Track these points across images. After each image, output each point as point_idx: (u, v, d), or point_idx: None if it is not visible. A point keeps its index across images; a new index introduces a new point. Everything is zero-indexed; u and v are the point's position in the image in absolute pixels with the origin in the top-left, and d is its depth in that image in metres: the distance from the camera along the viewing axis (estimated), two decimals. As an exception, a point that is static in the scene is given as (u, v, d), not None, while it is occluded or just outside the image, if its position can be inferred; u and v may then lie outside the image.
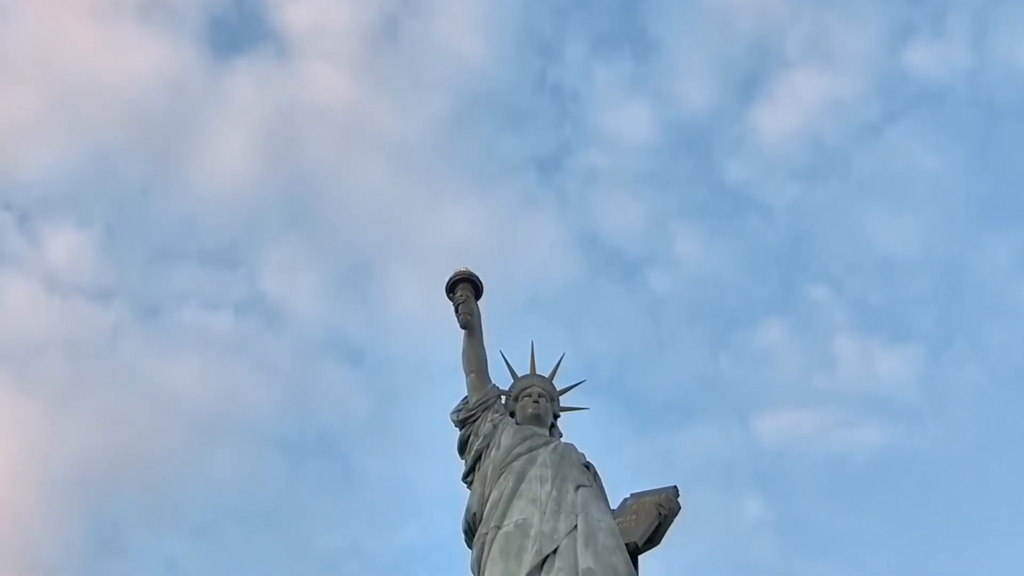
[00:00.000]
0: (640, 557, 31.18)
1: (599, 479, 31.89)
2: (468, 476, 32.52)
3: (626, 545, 30.16)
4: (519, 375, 34.53)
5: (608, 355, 74.92)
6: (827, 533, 76.10)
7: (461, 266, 34.97)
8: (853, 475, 77.52)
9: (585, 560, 28.95)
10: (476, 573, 30.40)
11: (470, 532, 31.27)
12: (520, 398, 33.70)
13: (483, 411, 33.09)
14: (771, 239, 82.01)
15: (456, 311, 34.25)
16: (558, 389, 34.59)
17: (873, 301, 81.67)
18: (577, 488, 30.70)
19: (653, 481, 33.28)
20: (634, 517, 31.49)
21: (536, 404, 33.40)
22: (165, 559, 77.17)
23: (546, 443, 32.13)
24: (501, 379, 34.53)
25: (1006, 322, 79.55)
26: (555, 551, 29.27)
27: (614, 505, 31.99)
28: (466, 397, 33.70)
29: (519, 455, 31.51)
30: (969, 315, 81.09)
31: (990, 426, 77.62)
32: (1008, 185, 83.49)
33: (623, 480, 33.73)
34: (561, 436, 33.67)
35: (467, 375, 33.99)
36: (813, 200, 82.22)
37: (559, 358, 34.78)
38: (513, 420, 33.12)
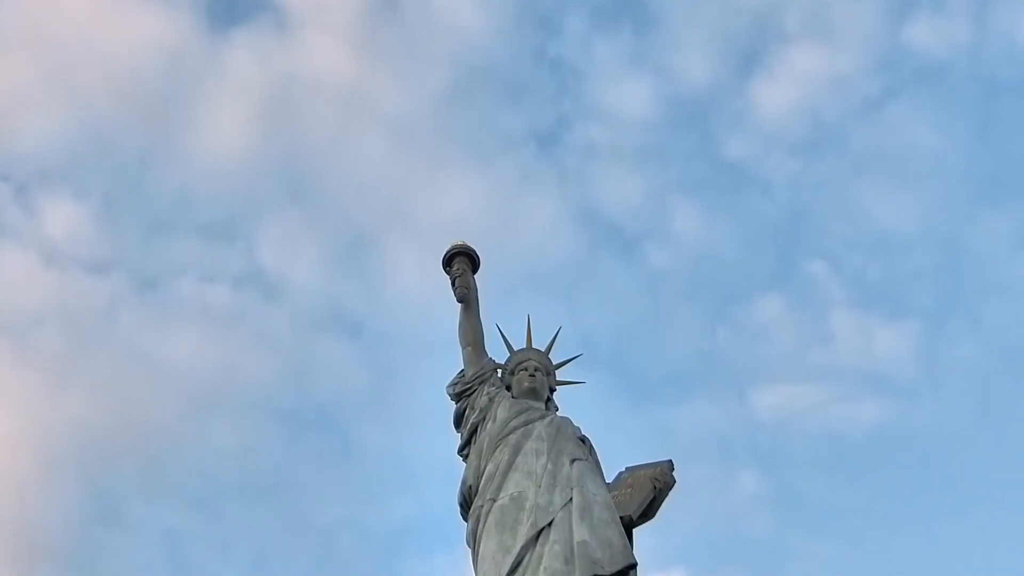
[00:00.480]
0: (635, 530, 31.29)
1: (594, 453, 32.03)
2: (464, 449, 32.66)
3: (621, 518, 30.28)
4: (515, 349, 34.64)
5: (606, 329, 75.01)
6: (823, 508, 76.43)
7: (458, 240, 35.06)
8: (849, 450, 77.81)
9: (580, 533, 29.12)
10: (471, 545, 30.54)
11: (466, 505, 31.42)
12: (516, 372, 33.80)
13: (479, 385, 33.20)
14: (770, 214, 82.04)
15: (453, 285, 34.35)
16: (554, 363, 34.69)
17: (871, 277, 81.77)
18: (573, 461, 30.84)
19: (650, 455, 33.43)
20: (629, 490, 31.62)
21: (532, 378, 33.51)
22: (163, 530, 77.50)
23: (542, 417, 32.26)
24: (497, 353, 34.65)
25: (1004, 299, 79.70)
26: (550, 524, 29.45)
27: (609, 479, 32.10)
28: (462, 371, 33.81)
29: (515, 428, 31.64)
30: (967, 292, 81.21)
31: (986, 403, 77.87)
32: (1008, 162, 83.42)
33: (620, 454, 33.89)
34: (557, 410, 33.79)
35: (463, 349, 34.10)
36: (812, 176, 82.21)
37: (555, 332, 34.94)
38: (509, 394, 33.24)
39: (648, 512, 31.62)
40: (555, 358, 34.88)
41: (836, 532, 75.77)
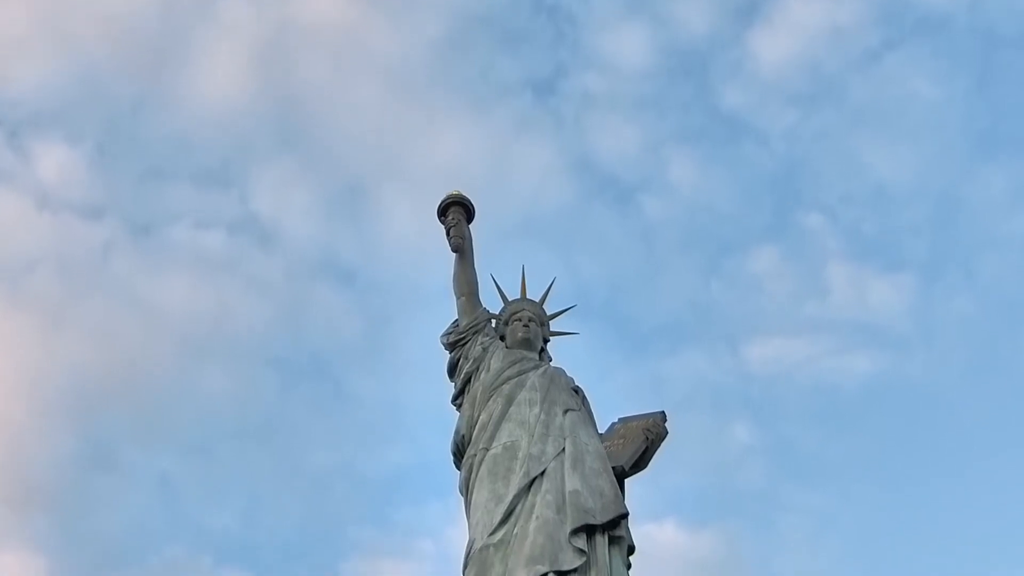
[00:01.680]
0: (627, 480, 31.44)
1: (587, 403, 32.10)
2: (457, 399, 32.73)
3: (613, 468, 30.42)
4: (510, 299, 34.59)
5: (600, 280, 75.02)
6: (815, 459, 76.79)
7: (453, 189, 34.93)
8: (842, 403, 78.04)
9: (572, 482, 29.25)
10: (464, 494, 30.69)
11: (459, 454, 31.54)
12: (510, 322, 33.79)
13: (473, 335, 33.19)
14: (766, 166, 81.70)
15: (447, 234, 34.25)
16: (548, 314, 34.67)
17: (867, 230, 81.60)
18: (565, 412, 30.93)
19: (643, 406, 33.53)
20: (621, 441, 31.75)
21: (526, 328, 33.51)
22: (157, 475, 77.80)
23: (535, 367, 32.30)
24: (492, 303, 34.61)
25: (999, 253, 79.62)
26: (543, 473, 29.55)
27: (602, 429, 32.19)
28: (456, 320, 33.79)
29: (508, 379, 31.69)
30: (962, 245, 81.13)
31: (979, 356, 78.05)
32: (1006, 115, 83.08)
33: (613, 404, 33.99)
34: (551, 360, 33.81)
35: (457, 298, 34.07)
36: (809, 127, 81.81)
37: (550, 283, 34.91)
38: (503, 344, 33.24)
39: (640, 463, 31.78)
40: (549, 309, 34.87)
41: (828, 484, 76.25)
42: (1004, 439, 73.90)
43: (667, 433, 32.27)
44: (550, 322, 34.61)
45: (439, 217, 34.54)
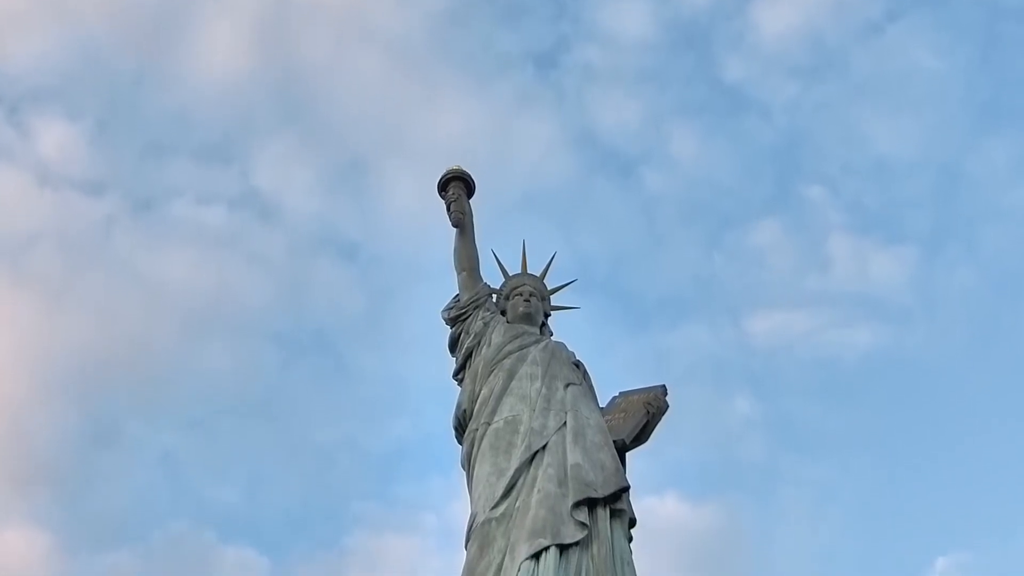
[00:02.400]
0: (628, 454, 31.52)
1: (588, 377, 32.17)
2: (459, 373, 32.80)
3: (614, 442, 30.49)
4: (510, 274, 34.62)
5: (602, 254, 75.00)
6: (816, 432, 76.90)
7: (454, 164, 34.92)
8: (843, 375, 78.09)
9: (574, 456, 29.32)
10: (466, 468, 30.78)
11: (460, 428, 31.63)
12: (511, 297, 33.84)
13: (474, 309, 33.25)
14: (768, 138, 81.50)
15: (448, 209, 34.27)
16: (549, 288, 34.71)
17: (868, 202, 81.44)
18: (567, 386, 31.00)
19: (645, 380, 33.61)
20: (622, 415, 31.82)
21: (527, 303, 33.55)
22: (160, 451, 78.03)
23: (536, 341, 32.36)
24: (493, 277, 34.63)
25: (1000, 225, 79.49)
26: (544, 447, 29.63)
27: (603, 403, 32.27)
28: (457, 295, 33.84)
29: (510, 353, 31.75)
30: (964, 218, 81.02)
31: (980, 329, 78.02)
32: (1009, 87, 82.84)
33: (615, 378, 34.06)
34: (552, 335, 33.87)
35: (458, 273, 34.10)
36: (811, 99, 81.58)
37: (550, 257, 34.93)
38: (504, 319, 33.30)
39: (641, 436, 31.86)
40: (551, 283, 34.90)
41: (829, 456, 76.44)
42: (1005, 411, 74.02)
43: (668, 407, 32.34)
44: (551, 297, 34.67)
45: (439, 192, 34.55)
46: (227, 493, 77.80)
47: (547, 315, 34.36)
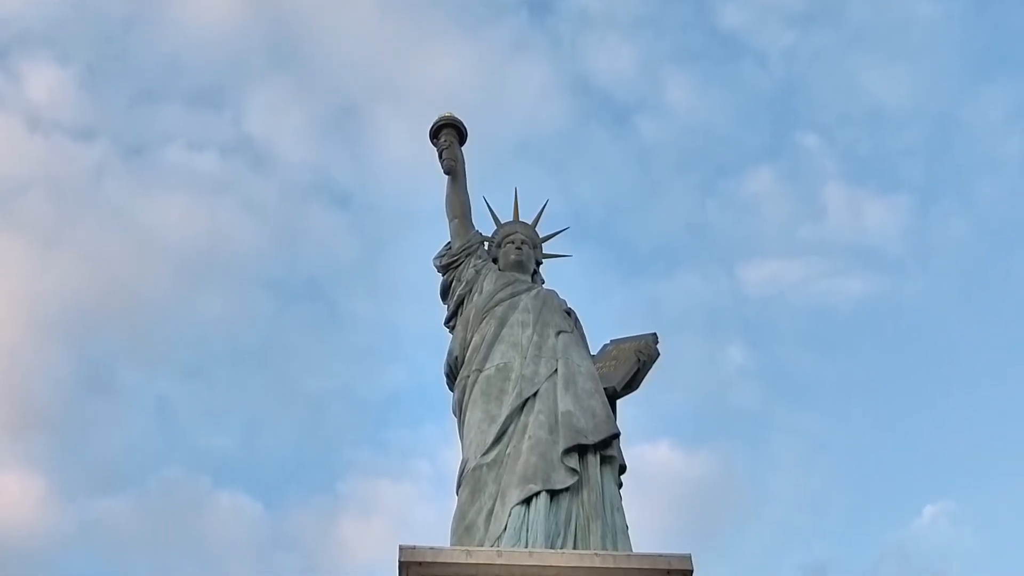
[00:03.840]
0: (621, 401, 31.67)
1: (580, 325, 32.26)
2: (451, 321, 32.87)
3: (605, 390, 30.61)
4: (502, 221, 34.61)
5: (595, 202, 74.85)
6: (809, 381, 77.18)
7: (445, 111, 34.81)
8: (837, 324, 78.20)
9: (565, 403, 29.45)
10: (458, 415, 30.92)
11: (452, 375, 31.73)
12: (503, 245, 33.86)
13: (466, 257, 33.28)
14: (764, 86, 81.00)
15: (440, 157, 34.23)
16: (541, 236, 34.72)
17: (863, 151, 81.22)
18: (558, 334, 31.07)
19: (638, 328, 33.67)
20: (613, 363, 31.92)
21: (519, 251, 33.58)
22: (155, 397, 78.17)
23: (528, 289, 32.44)
24: (485, 225, 34.62)
25: (995, 176, 79.31)
26: (535, 394, 29.74)
27: (595, 351, 32.37)
28: (449, 243, 33.86)
29: (501, 300, 31.82)
30: (959, 167, 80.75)
31: (974, 279, 78.05)
32: (1005, 36, 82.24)
33: (608, 327, 34.15)
34: (543, 283, 33.92)
35: (450, 221, 34.10)
36: (807, 47, 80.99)
37: (542, 205, 34.92)
38: (496, 266, 33.33)
39: (632, 384, 31.97)
40: (543, 231, 34.92)
41: (822, 405, 76.78)
42: (998, 361, 74.36)
43: (659, 355, 32.45)
44: (543, 244, 34.69)
45: (431, 140, 34.49)
46: (221, 439, 78.16)
47: (539, 263, 34.41)
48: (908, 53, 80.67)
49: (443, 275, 33.42)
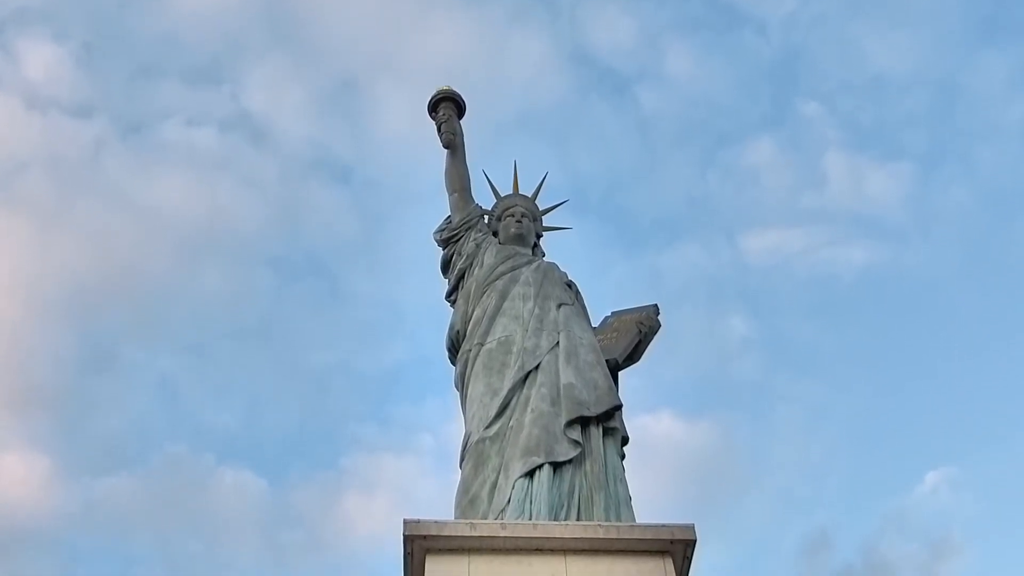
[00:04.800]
0: (623, 373, 31.67)
1: (580, 297, 32.25)
2: (451, 295, 32.87)
3: (606, 361, 30.58)
4: (502, 194, 34.56)
5: (596, 174, 74.83)
6: (810, 350, 77.35)
7: (443, 84, 34.76)
8: (838, 293, 78.31)
9: (567, 375, 29.42)
10: (460, 389, 30.90)
11: (453, 349, 31.72)
12: (503, 218, 33.83)
13: (466, 231, 33.26)
14: (764, 55, 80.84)
15: (439, 130, 34.17)
16: (541, 209, 34.68)
17: (864, 120, 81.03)
18: (559, 306, 31.04)
19: (639, 300, 33.70)
20: (615, 335, 31.91)
21: (519, 224, 33.55)
22: (157, 375, 78.40)
23: (529, 262, 32.41)
24: (485, 198, 34.60)
25: (997, 143, 79.15)
26: (537, 367, 29.68)
27: (596, 323, 32.38)
28: (449, 217, 33.84)
29: (502, 274, 31.79)
30: (960, 134, 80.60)
31: (975, 246, 78.06)
32: (1007, 1, 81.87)
33: (610, 298, 34.21)
34: (544, 256, 33.90)
35: (450, 195, 34.09)
36: (807, 15, 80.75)
37: (542, 177, 34.89)
38: (496, 240, 33.30)
39: (633, 355, 31.99)
40: (544, 203, 34.90)
41: (823, 374, 76.98)
42: (999, 328, 74.39)
43: (660, 326, 32.45)
44: (543, 217, 34.65)
45: (430, 113, 34.45)
46: (225, 416, 78.43)
47: (539, 236, 34.38)
48: (909, 20, 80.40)
49: (443, 249, 33.40)
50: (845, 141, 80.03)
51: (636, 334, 31.93)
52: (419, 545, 24.77)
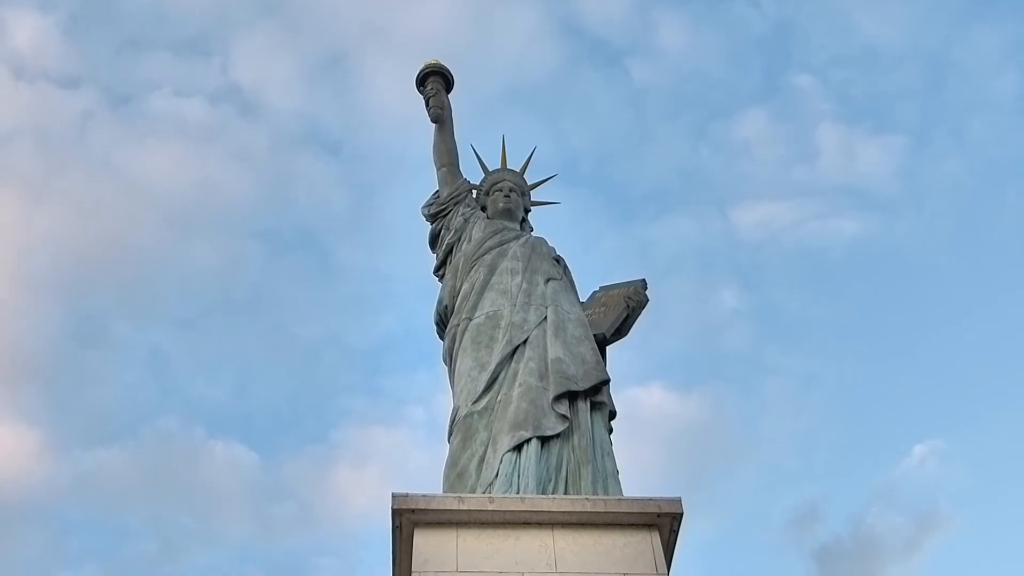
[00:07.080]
0: (613, 347, 31.72)
1: (569, 272, 32.29)
2: (440, 269, 32.89)
3: (595, 336, 30.62)
4: (490, 169, 34.53)
5: (586, 148, 74.77)
6: (801, 322, 77.58)
7: (431, 58, 34.69)
8: (829, 266, 78.47)
9: (554, 350, 29.46)
10: (448, 363, 30.94)
11: (442, 324, 31.77)
12: (491, 192, 33.82)
13: (454, 205, 33.25)
14: (756, 28, 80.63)
15: (426, 105, 34.10)
16: (530, 183, 34.66)
17: (856, 92, 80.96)
18: (547, 281, 31.06)
19: (630, 273, 33.78)
20: (603, 309, 31.94)
21: (507, 198, 33.55)
22: (147, 349, 78.40)
23: (517, 237, 32.43)
24: (473, 173, 34.58)
25: (988, 115, 79.18)
26: (525, 341, 29.71)
27: (584, 298, 32.42)
28: (437, 191, 33.81)
29: (490, 248, 31.79)
30: (952, 107, 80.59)
31: (967, 219, 78.24)
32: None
33: (599, 272, 34.26)
34: (532, 230, 33.91)
35: (437, 169, 34.06)
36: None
37: (530, 152, 34.85)
38: (484, 214, 33.29)
39: (622, 330, 32.02)
40: (533, 177, 34.89)
41: (814, 347, 77.21)
42: (989, 301, 74.67)
43: (648, 300, 32.48)
44: (531, 192, 34.64)
45: (417, 87, 34.37)
46: (215, 390, 78.51)
47: (527, 210, 34.37)
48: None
49: (431, 223, 33.39)
50: (837, 114, 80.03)
51: (624, 308, 31.95)
52: (407, 519, 24.90)
